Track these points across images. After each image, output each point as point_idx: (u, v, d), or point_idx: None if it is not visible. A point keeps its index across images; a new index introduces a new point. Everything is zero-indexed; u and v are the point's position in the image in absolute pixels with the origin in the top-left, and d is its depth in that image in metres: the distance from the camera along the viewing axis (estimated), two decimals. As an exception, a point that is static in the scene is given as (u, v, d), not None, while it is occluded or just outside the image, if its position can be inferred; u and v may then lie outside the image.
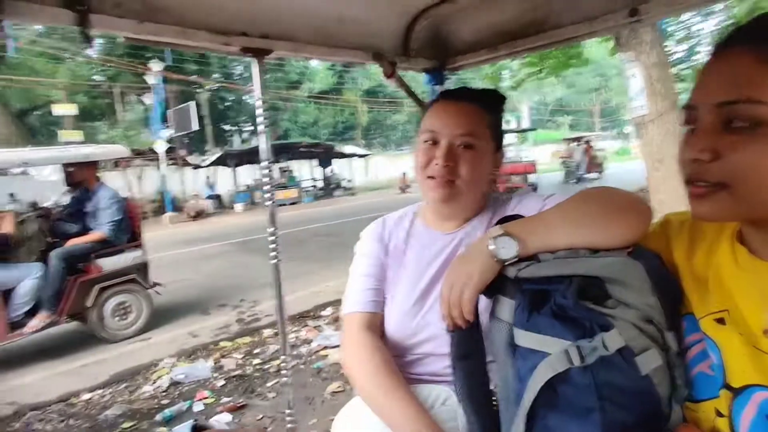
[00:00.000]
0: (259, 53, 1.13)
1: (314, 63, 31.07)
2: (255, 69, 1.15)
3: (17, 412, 3.27)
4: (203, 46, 1.07)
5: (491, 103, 1.07)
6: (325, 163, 22.99)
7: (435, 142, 1.01)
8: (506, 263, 0.77)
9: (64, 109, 16.89)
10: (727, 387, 0.63)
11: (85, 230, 4.52)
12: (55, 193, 5.12)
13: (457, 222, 1.07)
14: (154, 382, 3.58)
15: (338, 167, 24.03)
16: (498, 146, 1.08)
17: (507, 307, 0.79)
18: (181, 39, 0.99)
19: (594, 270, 0.72)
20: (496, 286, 0.80)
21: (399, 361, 1.00)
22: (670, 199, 4.40)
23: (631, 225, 0.76)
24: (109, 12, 0.90)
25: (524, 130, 17.53)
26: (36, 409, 3.30)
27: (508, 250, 0.76)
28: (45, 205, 4.95)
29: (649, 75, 4.42)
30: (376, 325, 1.04)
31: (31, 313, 4.10)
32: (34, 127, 21.07)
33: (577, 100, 45.83)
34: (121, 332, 4.57)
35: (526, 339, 0.73)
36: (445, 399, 0.93)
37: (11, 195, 4.88)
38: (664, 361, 0.68)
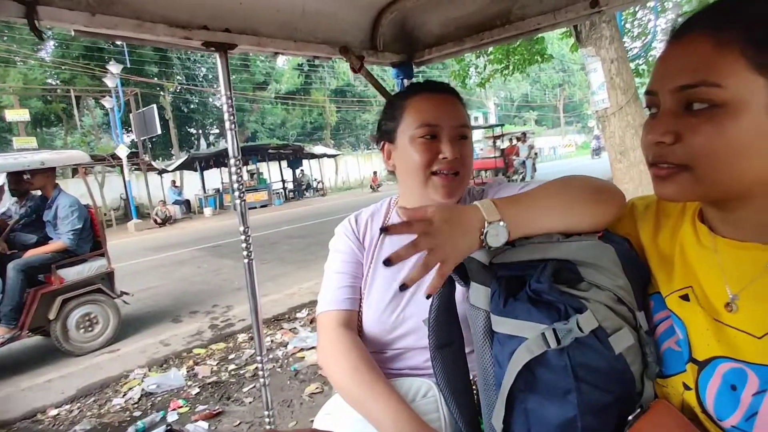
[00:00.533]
0: (223, 48, 1.10)
1: (280, 63, 30.73)
2: (219, 64, 1.12)
3: (-23, 433, 3.10)
4: (163, 41, 1.03)
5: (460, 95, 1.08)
6: (294, 164, 22.74)
7: (433, 137, 0.99)
8: (491, 249, 0.76)
9: (16, 114, 16.11)
10: (693, 361, 0.65)
11: (44, 240, 4.33)
12: (5, 204, 4.86)
13: None
14: (124, 394, 3.46)
15: (308, 168, 23.82)
16: None
17: (483, 294, 0.79)
18: (139, 33, 0.94)
19: (568, 254, 0.73)
20: (472, 275, 0.80)
21: (378, 357, 0.99)
22: (635, 188, 4.55)
23: (605, 209, 0.77)
24: (58, 4, 0.85)
25: (493, 126, 17.76)
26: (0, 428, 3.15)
27: (500, 238, 0.73)
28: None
29: (609, 69, 4.57)
30: (352, 322, 1.02)
31: (-11, 329, 3.90)
32: (-16, 135, 20.02)
33: (542, 96, 46.95)
34: (88, 344, 4.39)
35: (503, 325, 0.73)
36: (426, 391, 0.92)
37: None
38: (635, 340, 0.69)
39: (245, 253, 1.30)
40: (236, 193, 1.14)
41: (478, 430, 0.82)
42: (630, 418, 0.67)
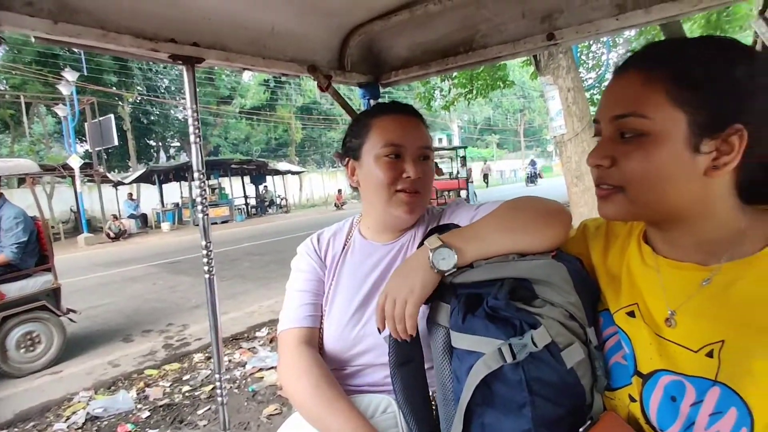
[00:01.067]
0: (190, 61, 1.10)
1: (246, 78, 30.45)
2: (186, 78, 1.11)
3: None
4: (128, 51, 1.02)
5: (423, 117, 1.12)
6: (258, 180, 22.42)
7: (398, 156, 1.01)
8: (446, 273, 0.80)
9: (-41, 120, 15.19)
10: (638, 374, 0.69)
11: (-16, 253, 4.06)
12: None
13: (396, 233, 1.09)
14: (67, 419, 3.24)
15: (272, 185, 23.53)
16: None
17: (444, 312, 0.82)
18: (103, 42, 0.93)
19: (523, 272, 0.76)
20: (434, 292, 0.83)
21: (338, 374, 0.99)
22: (589, 211, 4.75)
23: (556, 230, 0.82)
24: (18, 10, 0.83)
25: (456, 148, 18.17)
26: None
27: (448, 261, 0.80)
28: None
29: (566, 98, 4.80)
30: (313, 339, 1.02)
31: None
32: None
33: (503, 120, 48.55)
34: (28, 365, 4.11)
35: (462, 341, 0.76)
36: (385, 407, 0.93)
37: None
38: (586, 355, 0.73)
39: (206, 268, 1.28)
40: (199, 207, 1.12)
41: (437, 444, 0.83)
42: (581, 430, 0.70)
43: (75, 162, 14.14)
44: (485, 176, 31.01)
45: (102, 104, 18.96)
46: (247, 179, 22.17)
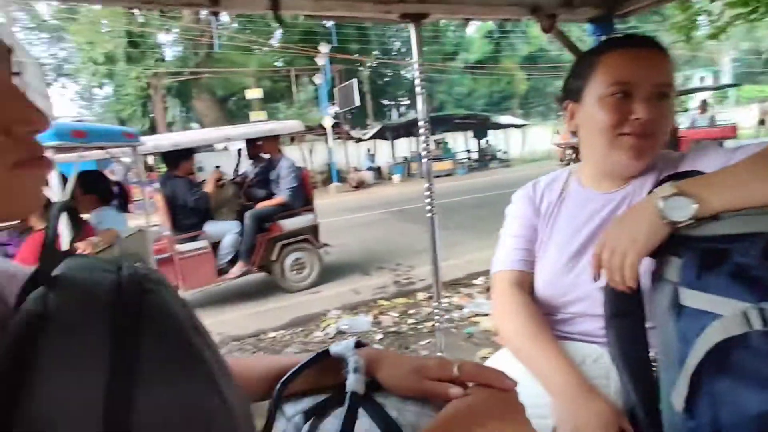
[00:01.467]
0: (416, 18, 1.19)
1: (470, 32, 30.30)
2: (413, 34, 1.22)
3: (222, 341, 4.07)
4: (367, 16, 1.17)
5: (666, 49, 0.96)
6: (480, 134, 22.51)
7: (627, 95, 0.90)
8: (679, 225, 0.71)
9: (254, 93, 19.64)
10: None
11: (269, 195, 5.30)
12: (243, 165, 6.11)
13: (619, 182, 0.99)
14: (323, 329, 4.09)
15: (494, 138, 23.32)
16: None
17: (673, 266, 0.73)
18: (350, 12, 1.10)
19: (789, 228, 0.62)
20: (662, 246, 0.75)
21: (549, 320, 1.00)
22: None
23: None
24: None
25: (723, 87, 14.52)
26: (236, 341, 4.07)
27: (683, 210, 0.70)
28: (241, 173, 5.93)
29: None
30: (525, 283, 1.04)
31: (232, 262, 5.01)
32: (231, 111, 24.88)
33: (803, 46, 36.18)
34: (298, 284, 5.29)
35: (694, 299, 0.67)
36: (596, 357, 0.90)
37: (217, 167, 5.94)
38: None
39: (428, 208, 1.41)
40: (423, 152, 1.24)
41: (655, 405, 0.77)
42: None
43: (327, 122, 16.79)
44: (761, 121, 23.37)
45: (347, 71, 21.74)
46: (469, 134, 22.52)
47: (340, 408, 0.54)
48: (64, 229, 0.49)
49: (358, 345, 0.65)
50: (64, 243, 0.49)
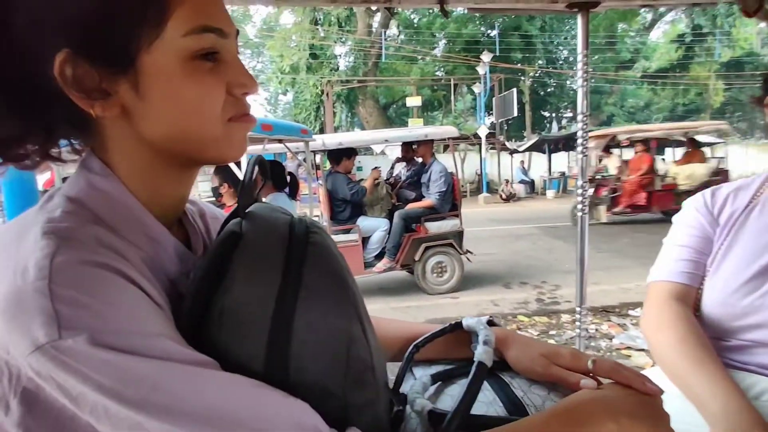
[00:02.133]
0: (585, 7, 1.12)
1: (654, 36, 27.07)
2: (580, 24, 1.15)
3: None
4: (533, 8, 1.15)
5: None
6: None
7: None
8: None
9: (414, 101, 20.43)
10: None
11: (419, 197, 5.48)
12: (397, 168, 6.44)
13: None
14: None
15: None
16: None
17: None
18: (516, 4, 1.09)
19: None
20: None
21: (716, 344, 0.86)
22: None
23: None
24: (459, -8, 1.09)
25: None
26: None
27: None
28: (394, 174, 6.25)
29: None
30: (687, 298, 0.91)
31: (378, 257, 5.31)
32: (391, 117, 26.25)
33: None
34: (437, 287, 5.36)
35: None
36: (777, 396, 0.75)
37: (375, 168, 6.36)
38: None
39: (579, 225, 1.32)
40: (579, 147, 1.16)
41: None
42: None
43: (483, 131, 16.63)
44: None
45: (508, 80, 21.24)
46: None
47: (466, 378, 0.56)
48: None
49: (491, 324, 0.66)
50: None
